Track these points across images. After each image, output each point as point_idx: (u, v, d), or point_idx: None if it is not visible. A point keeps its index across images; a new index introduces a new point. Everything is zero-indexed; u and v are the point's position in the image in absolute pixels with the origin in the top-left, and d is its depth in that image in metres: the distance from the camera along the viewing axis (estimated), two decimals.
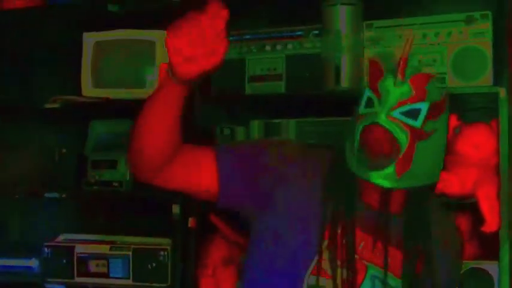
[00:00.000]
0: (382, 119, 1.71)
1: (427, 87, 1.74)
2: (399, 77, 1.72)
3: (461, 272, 2.15)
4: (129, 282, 2.93)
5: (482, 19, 2.59)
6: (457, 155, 2.58)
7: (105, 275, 2.97)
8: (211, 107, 2.93)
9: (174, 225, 2.85)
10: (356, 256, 1.76)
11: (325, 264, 1.73)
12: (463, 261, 2.51)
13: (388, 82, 1.73)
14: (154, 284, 2.89)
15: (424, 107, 1.73)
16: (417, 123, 1.72)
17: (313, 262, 1.74)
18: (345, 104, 2.75)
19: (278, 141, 2.01)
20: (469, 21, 2.61)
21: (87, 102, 3.03)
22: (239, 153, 1.84)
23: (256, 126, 2.91)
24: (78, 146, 3.19)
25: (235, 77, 2.89)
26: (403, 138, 1.71)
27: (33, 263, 3.14)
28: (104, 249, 2.99)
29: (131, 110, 3.02)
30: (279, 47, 2.86)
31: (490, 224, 2.46)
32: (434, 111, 1.75)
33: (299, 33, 2.84)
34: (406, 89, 1.72)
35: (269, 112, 2.95)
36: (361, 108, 1.78)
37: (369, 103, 1.76)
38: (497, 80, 2.54)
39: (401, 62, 1.73)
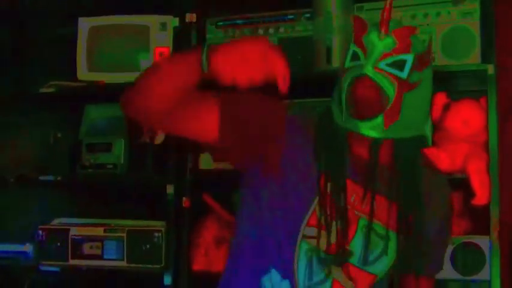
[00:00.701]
0: (369, 70, 1.74)
1: (411, 38, 1.78)
2: (383, 30, 1.76)
3: (450, 241, 2.17)
4: (123, 263, 2.95)
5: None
6: (446, 131, 2.64)
7: (99, 257, 2.99)
8: (204, 88, 2.97)
9: (168, 205, 2.88)
10: (348, 207, 1.79)
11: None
12: (455, 235, 2.58)
13: (373, 35, 1.76)
14: (148, 265, 2.92)
15: (409, 58, 1.76)
16: (403, 74, 1.75)
17: (307, 214, 1.78)
18: (335, 84, 2.83)
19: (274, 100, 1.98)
20: (456, 1, 2.67)
21: (82, 87, 3.06)
22: (242, 104, 1.84)
23: None
24: (73, 130, 3.22)
25: None
26: (391, 89, 1.74)
27: (28, 247, 3.15)
28: (98, 231, 3.01)
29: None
30: (271, 31, 2.91)
31: (480, 197, 2.51)
32: (419, 62, 1.78)
33: (291, 16, 2.90)
34: (390, 41, 1.75)
35: (263, 94, 2.99)
36: (347, 62, 1.82)
37: (355, 57, 1.79)
38: (485, 58, 2.60)
39: (385, 15, 1.77)
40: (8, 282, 3.21)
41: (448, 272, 2.56)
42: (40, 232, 3.06)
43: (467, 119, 2.60)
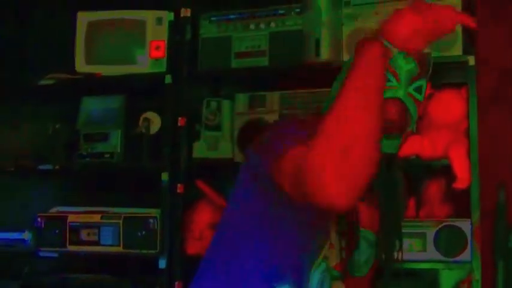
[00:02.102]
0: (402, 95, 1.81)
1: (426, 64, 1.88)
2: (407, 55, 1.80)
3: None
4: (120, 249, 3.04)
5: None
6: (429, 119, 2.77)
7: (97, 243, 3.09)
8: (199, 81, 3.10)
9: (163, 192, 2.99)
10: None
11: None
12: (438, 219, 2.71)
13: (400, 59, 1.80)
14: (143, 251, 3.01)
15: (424, 83, 1.86)
16: (421, 97, 1.84)
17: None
18: (324, 76, 2.94)
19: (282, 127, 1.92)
20: None
21: (79, 79, 3.18)
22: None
23: (241, 99, 3.07)
24: (71, 121, 3.30)
25: (222, 54, 3.06)
26: (415, 112, 1.83)
27: (27, 235, 3.23)
28: (95, 218, 3.11)
29: (122, 85, 3.23)
30: (262, 25, 3.03)
31: (462, 181, 2.65)
32: (428, 86, 1.89)
33: (281, 11, 3.02)
34: (413, 65, 1.81)
35: (254, 86, 3.12)
36: None
37: None
38: (466, 50, 2.73)
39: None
40: (7, 269, 3.30)
41: (431, 253, 2.70)
42: (39, 219, 3.16)
43: (449, 107, 2.74)
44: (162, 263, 2.97)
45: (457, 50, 2.74)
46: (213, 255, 1.87)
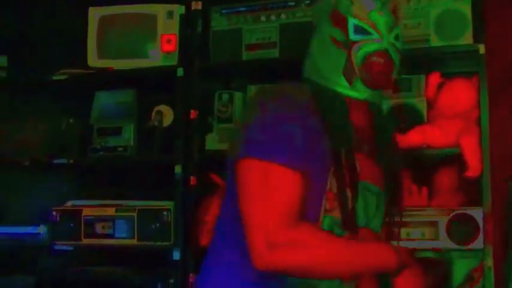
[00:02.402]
0: (388, 45, 1.90)
1: (398, 13, 1.97)
2: (380, 11, 1.91)
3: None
4: (134, 241, 3.08)
5: None
6: (440, 109, 2.78)
7: (111, 236, 3.12)
8: (210, 73, 3.12)
9: (176, 184, 3.01)
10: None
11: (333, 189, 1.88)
12: (450, 207, 2.73)
13: (374, 12, 1.91)
14: (158, 243, 3.05)
15: (399, 31, 1.94)
16: (399, 44, 1.93)
17: (326, 188, 1.85)
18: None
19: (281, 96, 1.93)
20: None
21: (92, 74, 3.21)
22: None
23: (253, 91, 3.09)
24: (84, 116, 3.34)
25: (233, 47, 3.08)
26: (397, 59, 1.92)
27: (42, 229, 3.27)
28: (110, 211, 3.15)
29: (134, 79, 3.25)
30: (273, 17, 3.05)
31: (473, 169, 2.65)
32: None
33: (291, 3, 3.03)
34: (390, 16, 1.92)
35: (265, 77, 3.12)
36: (350, 35, 1.96)
37: (362, 31, 1.91)
38: (477, 39, 2.74)
39: None
40: (23, 262, 3.33)
41: (444, 242, 2.71)
42: (54, 213, 3.20)
43: (460, 96, 2.75)
44: (176, 255, 3.00)
45: (467, 39, 2.75)
46: (213, 245, 1.94)
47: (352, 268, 1.82)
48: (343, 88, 1.94)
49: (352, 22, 1.94)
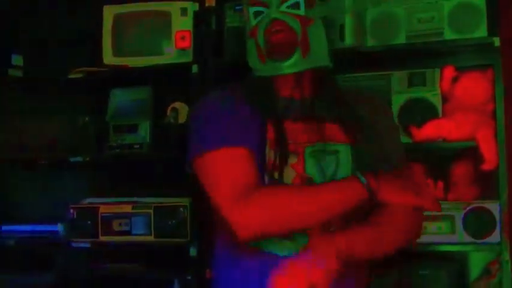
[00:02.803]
0: (276, 13, 1.96)
1: None
2: None
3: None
4: (151, 238, 3.10)
5: None
6: (455, 102, 2.78)
7: (128, 233, 3.14)
8: (225, 70, 3.12)
9: (193, 181, 3.01)
10: (290, 142, 1.94)
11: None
12: (466, 201, 2.72)
13: None
14: (174, 239, 3.07)
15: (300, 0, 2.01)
16: (301, 11, 1.98)
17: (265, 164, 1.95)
18: (349, 61, 2.96)
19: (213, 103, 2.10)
20: None
21: (107, 71, 3.23)
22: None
23: None
24: (100, 114, 3.36)
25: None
26: (296, 25, 1.97)
27: (59, 227, 3.30)
28: (127, 208, 3.16)
29: (149, 77, 3.26)
30: None
31: (489, 162, 2.65)
32: (308, 2, 2.01)
33: None
34: None
35: None
36: (252, 22, 2.02)
37: (257, 14, 2.00)
38: (491, 31, 2.73)
39: None
40: (41, 260, 3.36)
41: (460, 235, 2.71)
42: (71, 211, 3.22)
43: (475, 90, 2.74)
44: (193, 251, 3.01)
45: (481, 32, 2.74)
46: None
47: (323, 207, 1.85)
48: (262, 72, 2.01)
49: (251, 11, 2.02)
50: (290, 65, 1.97)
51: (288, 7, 1.97)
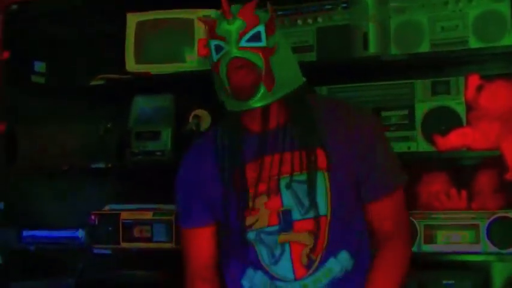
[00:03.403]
0: (235, 52, 1.93)
1: (255, 13, 1.98)
2: (228, 17, 1.95)
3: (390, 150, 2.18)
4: (172, 245, 3.09)
5: None
6: (480, 111, 2.76)
7: (149, 240, 3.14)
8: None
9: None
10: (263, 181, 2.00)
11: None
12: (491, 210, 2.70)
13: (223, 25, 1.95)
14: None
15: (261, 28, 1.96)
16: (262, 43, 1.95)
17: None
18: (372, 69, 2.95)
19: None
20: None
21: (129, 79, 3.23)
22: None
23: None
24: (123, 121, 3.35)
25: None
26: (258, 59, 1.93)
27: (80, 233, 3.31)
28: (148, 215, 3.17)
29: (171, 84, 3.27)
30: (309, 21, 3.04)
31: None
32: (269, 29, 1.98)
33: (328, 6, 3.02)
34: (239, 22, 1.94)
35: None
36: (214, 57, 1.99)
37: (218, 49, 1.97)
38: None
39: (223, 5, 1.96)
40: (62, 266, 3.37)
41: (484, 245, 2.68)
42: (92, 217, 3.22)
43: (500, 98, 2.72)
44: None
45: (507, 40, 2.72)
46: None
47: None
48: (230, 107, 2.03)
49: (212, 44, 1.99)
50: (256, 101, 1.96)
51: (248, 40, 1.93)
